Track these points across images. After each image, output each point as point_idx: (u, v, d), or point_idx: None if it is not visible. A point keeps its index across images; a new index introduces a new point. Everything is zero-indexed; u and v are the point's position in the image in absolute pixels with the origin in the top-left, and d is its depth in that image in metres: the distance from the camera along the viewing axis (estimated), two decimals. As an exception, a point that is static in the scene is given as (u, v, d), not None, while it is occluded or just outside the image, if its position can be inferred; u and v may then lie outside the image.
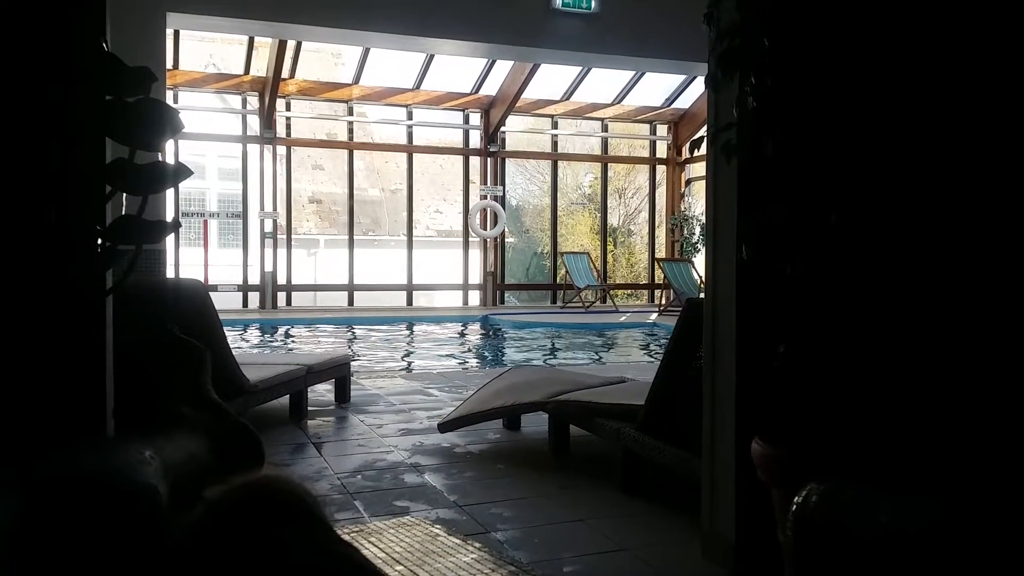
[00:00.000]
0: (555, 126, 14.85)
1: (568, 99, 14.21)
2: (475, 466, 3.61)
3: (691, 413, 2.65)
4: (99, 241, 1.73)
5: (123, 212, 1.83)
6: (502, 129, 14.04)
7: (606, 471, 3.36)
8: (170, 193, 10.57)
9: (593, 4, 10.08)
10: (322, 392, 5.21)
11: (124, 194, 1.77)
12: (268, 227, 12.79)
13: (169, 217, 9.97)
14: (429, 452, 3.83)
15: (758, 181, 2.28)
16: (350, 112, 13.70)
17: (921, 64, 1.98)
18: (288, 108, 13.19)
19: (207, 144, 14.56)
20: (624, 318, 12.48)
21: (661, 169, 15.42)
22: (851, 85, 2.04)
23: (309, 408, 4.67)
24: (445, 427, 3.96)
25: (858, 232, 2.06)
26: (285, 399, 4.51)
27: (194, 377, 2.10)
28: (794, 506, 1.57)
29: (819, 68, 2.05)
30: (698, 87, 13.41)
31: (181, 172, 1.80)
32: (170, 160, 1.79)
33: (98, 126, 1.72)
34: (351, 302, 13.48)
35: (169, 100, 11.75)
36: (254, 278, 12.76)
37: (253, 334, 10.70)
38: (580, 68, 12.98)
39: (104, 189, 1.73)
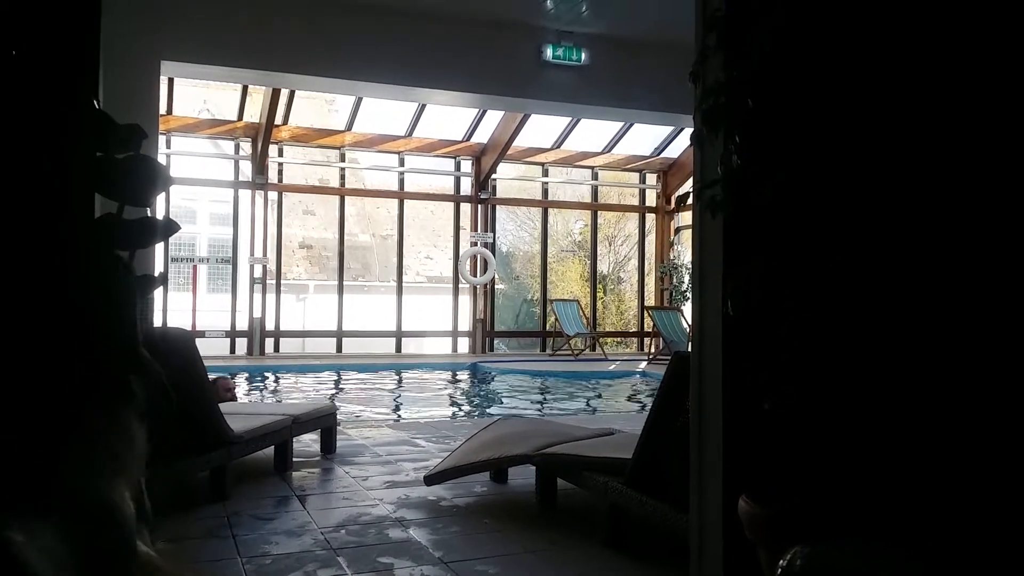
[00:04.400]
0: (546, 174, 15.00)
1: (559, 147, 14.40)
2: (461, 520, 3.56)
3: (678, 468, 2.63)
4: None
5: (110, 266, 1.83)
6: (493, 176, 14.17)
7: (593, 525, 3.32)
8: (160, 238, 10.57)
9: (583, 57, 10.27)
10: (308, 442, 5.15)
11: (111, 249, 1.77)
12: (258, 272, 12.78)
13: (159, 264, 9.97)
14: (415, 505, 3.78)
15: (744, 237, 2.31)
16: (342, 158, 13.81)
17: (907, 138, 2.02)
18: (280, 154, 13.30)
19: (199, 189, 14.61)
20: (613, 366, 12.46)
21: (650, 217, 15.57)
22: (838, 147, 2.08)
23: (294, 459, 4.61)
24: (431, 480, 3.91)
25: (846, 288, 2.07)
26: (270, 450, 4.46)
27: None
28: (779, 570, 1.55)
29: (805, 129, 2.08)
30: (687, 137, 13.57)
31: (170, 227, 1.79)
32: (161, 206, 1.79)
33: (87, 182, 1.72)
34: (340, 349, 13.42)
35: (162, 145, 11.84)
36: (242, 324, 12.70)
37: (239, 382, 10.61)
38: (570, 118, 13.17)
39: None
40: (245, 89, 12.26)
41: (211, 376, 6.29)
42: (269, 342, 12.84)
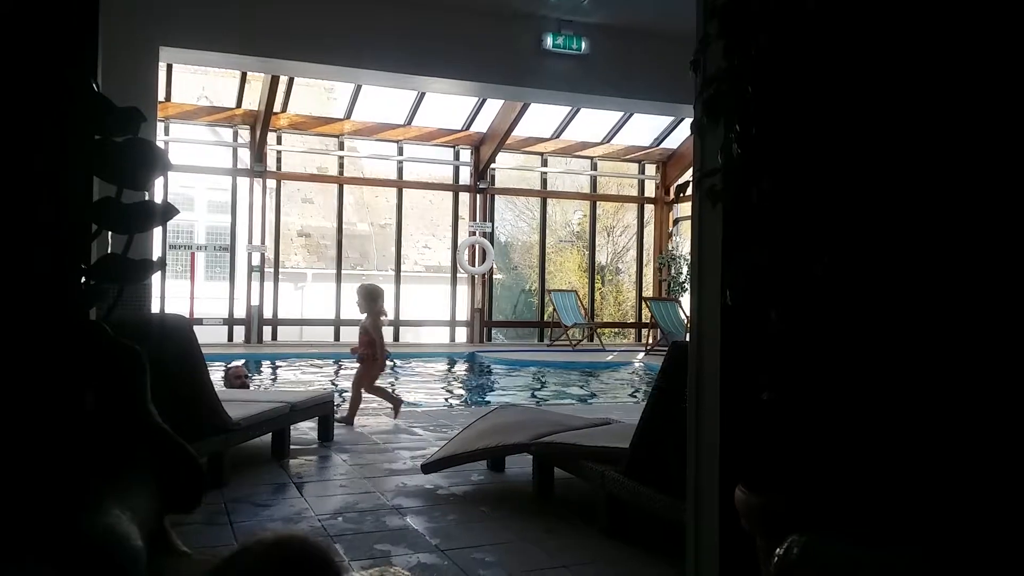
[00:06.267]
0: (545, 164, 14.97)
1: (558, 137, 14.36)
2: (458, 508, 3.57)
3: (676, 458, 2.63)
4: (83, 279, 1.72)
5: (109, 249, 1.82)
6: (492, 166, 14.13)
7: (590, 514, 3.33)
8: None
9: (583, 46, 10.24)
10: (305, 430, 5.16)
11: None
12: (256, 260, 12.76)
13: (156, 251, 9.95)
14: (412, 494, 3.79)
15: (743, 226, 2.30)
16: (341, 147, 13.77)
17: (908, 132, 2.01)
18: (279, 142, 13.25)
19: (197, 176, 14.58)
20: (611, 357, 12.46)
21: (649, 208, 15.54)
22: (836, 134, 2.07)
23: (291, 446, 4.62)
24: (429, 468, 3.92)
25: (842, 280, 2.07)
26: (267, 437, 4.46)
27: (134, 391, 1.78)
28: (775, 558, 1.56)
29: (804, 117, 2.07)
30: (686, 128, 13.57)
31: (168, 211, 1.79)
32: (159, 193, 1.79)
33: (86, 165, 1.72)
34: (337, 337, 13.41)
35: (160, 132, 11.80)
36: (240, 312, 12.69)
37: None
38: (570, 107, 13.13)
39: (90, 228, 1.73)
40: (244, 76, 12.21)
41: (225, 364, 6.38)
42: (267, 330, 12.83)
